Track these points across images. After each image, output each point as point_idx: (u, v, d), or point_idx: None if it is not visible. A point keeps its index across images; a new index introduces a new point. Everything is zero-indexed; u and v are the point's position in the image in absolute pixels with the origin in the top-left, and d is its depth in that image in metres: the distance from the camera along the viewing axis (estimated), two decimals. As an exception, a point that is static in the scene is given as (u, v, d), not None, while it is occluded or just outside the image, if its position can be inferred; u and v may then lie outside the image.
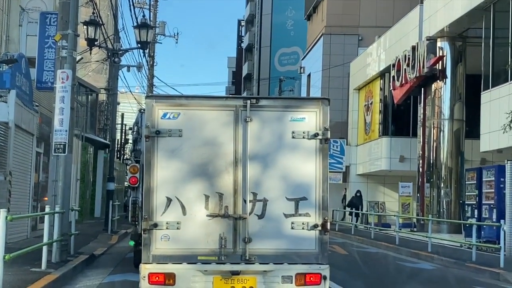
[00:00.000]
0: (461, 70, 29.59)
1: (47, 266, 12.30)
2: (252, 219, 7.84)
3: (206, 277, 7.69)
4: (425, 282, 13.78)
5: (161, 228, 7.73)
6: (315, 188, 7.91)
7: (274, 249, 7.83)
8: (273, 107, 8.09)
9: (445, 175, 29.39)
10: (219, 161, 7.88)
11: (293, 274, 7.74)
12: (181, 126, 7.86)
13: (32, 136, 19.48)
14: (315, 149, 7.96)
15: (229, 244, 7.80)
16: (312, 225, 7.85)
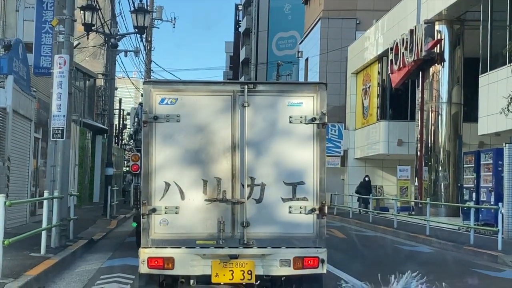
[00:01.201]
0: (459, 53, 29.56)
1: (46, 251, 12.35)
2: (250, 203, 7.85)
3: (205, 261, 7.70)
4: (423, 265, 13.79)
5: (159, 213, 7.74)
6: (313, 173, 7.89)
7: (272, 233, 7.85)
8: (270, 92, 8.11)
9: (443, 158, 29.44)
10: (217, 146, 7.88)
11: (291, 258, 7.72)
12: (179, 112, 7.84)
13: (30, 121, 19.48)
14: (312, 134, 7.94)
15: (227, 229, 7.79)
16: (309, 209, 7.84)
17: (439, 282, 2.02)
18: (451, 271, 12.94)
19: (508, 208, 18.16)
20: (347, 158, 41.71)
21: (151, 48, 46.88)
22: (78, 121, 33.03)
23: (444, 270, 12.72)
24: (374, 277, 2.17)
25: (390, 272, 1.98)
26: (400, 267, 2.00)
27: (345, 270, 11.76)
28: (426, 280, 1.91)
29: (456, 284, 10.47)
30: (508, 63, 21.85)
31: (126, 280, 10.40)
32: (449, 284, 1.90)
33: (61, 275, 11.21)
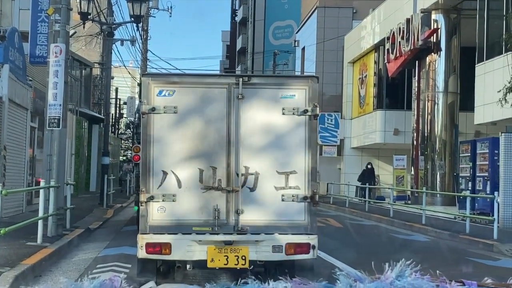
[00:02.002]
0: (456, 42, 29.56)
1: (42, 240, 12.37)
2: (244, 191, 8.11)
3: (201, 246, 7.95)
4: (419, 253, 13.81)
5: (157, 200, 8.01)
6: (305, 162, 8.15)
7: (265, 220, 8.12)
8: (264, 85, 8.41)
9: (439, 147, 29.49)
10: (213, 137, 8.14)
11: (283, 244, 7.97)
12: (176, 103, 8.09)
13: (26, 110, 19.45)
14: (304, 125, 8.16)
15: (222, 216, 8.07)
16: (301, 197, 8.10)
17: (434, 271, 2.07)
18: (446, 259, 13.00)
19: (504, 197, 18.23)
20: (343, 148, 41.74)
21: (147, 37, 46.71)
22: (75, 111, 32.98)
23: (439, 259, 12.78)
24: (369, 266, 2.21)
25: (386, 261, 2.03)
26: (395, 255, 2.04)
27: (341, 258, 11.80)
28: (420, 268, 1.99)
29: (451, 272, 10.51)
30: (505, 52, 21.87)
31: (122, 269, 10.42)
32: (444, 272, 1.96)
33: (57, 264, 11.24)
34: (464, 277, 2.02)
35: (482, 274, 2.11)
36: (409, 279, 1.95)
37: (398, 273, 1.98)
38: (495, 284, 2.10)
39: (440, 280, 2.03)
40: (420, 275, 1.97)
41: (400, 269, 2.00)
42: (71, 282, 1.80)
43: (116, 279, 1.85)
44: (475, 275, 11.23)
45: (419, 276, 1.96)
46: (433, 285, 1.97)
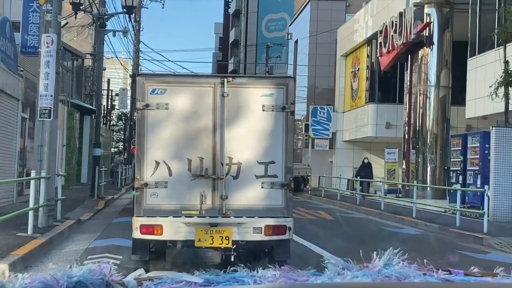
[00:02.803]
0: (448, 36, 29.60)
1: (33, 231, 12.34)
2: (228, 179, 8.99)
3: (189, 228, 8.82)
4: (409, 246, 13.90)
5: (150, 187, 8.89)
6: (282, 154, 9.03)
7: (246, 204, 9.02)
8: (247, 84, 9.33)
9: (430, 141, 29.57)
10: (200, 130, 9.01)
11: (262, 226, 8.85)
12: (168, 100, 8.94)
13: (17, 101, 19.39)
14: (282, 120, 9.06)
15: (208, 201, 8.96)
16: (279, 184, 8.98)
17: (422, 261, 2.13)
18: (436, 252, 13.02)
19: (494, 190, 18.31)
20: (335, 141, 41.81)
21: (139, 28, 46.72)
22: (66, 101, 32.86)
23: (429, 252, 12.80)
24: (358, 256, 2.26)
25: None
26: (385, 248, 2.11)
27: (331, 250, 11.83)
28: (408, 257, 1.99)
29: (439, 263, 10.54)
30: (497, 46, 21.92)
31: (113, 260, 10.42)
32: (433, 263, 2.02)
33: (48, 255, 11.23)
34: (452, 268, 2.03)
35: (471, 267, 2.14)
36: (396, 267, 1.96)
37: (385, 262, 1.99)
38: (481, 273, 2.08)
39: (427, 269, 2.01)
40: (408, 264, 1.97)
41: (387, 258, 1.99)
42: (59, 269, 1.76)
43: (106, 266, 1.83)
44: (464, 267, 11.27)
45: (407, 265, 1.96)
46: (420, 273, 1.96)
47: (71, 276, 1.75)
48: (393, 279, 1.91)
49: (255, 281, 1.87)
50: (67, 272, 1.76)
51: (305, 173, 38.09)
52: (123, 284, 1.80)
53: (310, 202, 29.29)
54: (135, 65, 47.23)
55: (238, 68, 75.05)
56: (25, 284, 1.69)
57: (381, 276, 1.92)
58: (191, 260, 8.72)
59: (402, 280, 1.90)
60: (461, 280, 1.98)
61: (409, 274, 1.94)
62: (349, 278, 1.89)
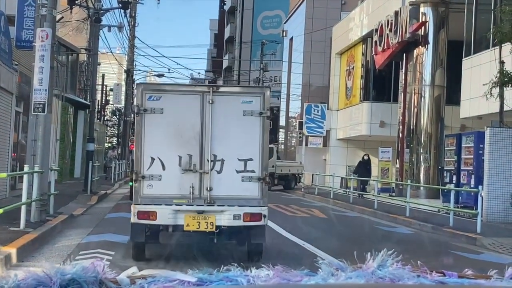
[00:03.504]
0: (443, 36, 29.62)
1: (25, 226, 12.27)
2: (213, 173, 10.41)
3: (179, 214, 10.28)
4: (402, 246, 13.90)
5: (147, 179, 10.28)
6: (259, 152, 10.42)
7: (228, 195, 10.40)
8: (229, 93, 10.93)
9: (424, 141, 29.60)
10: (190, 131, 10.39)
11: (241, 213, 10.26)
12: (162, 106, 10.35)
13: (11, 95, 19.30)
14: (259, 124, 10.43)
15: (196, 192, 10.38)
16: (256, 178, 10.33)
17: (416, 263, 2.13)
18: (429, 252, 13.02)
19: (488, 191, 18.32)
20: (329, 139, 41.81)
21: (135, 23, 46.59)
22: (60, 96, 32.74)
23: (422, 251, 12.79)
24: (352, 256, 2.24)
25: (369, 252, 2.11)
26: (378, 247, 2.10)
27: (324, 249, 11.81)
28: (402, 258, 1.99)
29: (433, 264, 10.53)
30: (492, 47, 21.92)
31: (105, 256, 10.38)
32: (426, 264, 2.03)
33: (40, 250, 11.17)
34: (446, 269, 2.02)
35: (464, 267, 2.14)
36: (390, 269, 1.96)
37: (379, 263, 1.99)
38: (475, 275, 2.07)
39: (421, 271, 2.01)
40: (402, 265, 1.97)
41: (381, 259, 1.99)
42: (53, 266, 1.77)
43: (99, 264, 1.83)
44: (457, 268, 11.25)
45: (400, 266, 1.96)
46: (414, 275, 1.96)
47: (65, 273, 1.75)
48: (386, 280, 1.91)
49: (249, 280, 1.88)
50: (60, 269, 1.76)
51: (297, 171, 38.08)
52: (117, 282, 1.81)
53: (304, 200, 29.29)
54: (130, 61, 47.12)
55: (232, 64, 74.96)
56: (18, 281, 1.70)
57: (375, 277, 1.92)
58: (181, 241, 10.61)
59: (396, 281, 1.91)
60: (454, 283, 1.98)
61: (403, 275, 1.94)
62: (343, 279, 1.89)
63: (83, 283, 1.75)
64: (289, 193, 33.76)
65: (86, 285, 1.75)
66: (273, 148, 38.19)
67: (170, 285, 1.80)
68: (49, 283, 1.71)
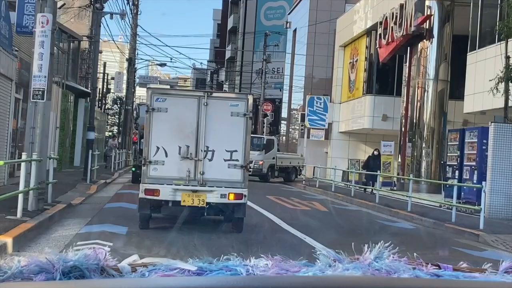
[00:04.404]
0: (448, 30, 29.38)
1: (22, 214, 12.06)
2: (205, 161, 12.83)
3: (177, 192, 12.72)
4: (404, 242, 13.70)
5: (153, 164, 12.73)
6: (242, 145, 12.85)
7: (217, 178, 12.81)
8: (220, 98, 13.60)
9: (427, 135, 29.38)
10: (188, 127, 12.79)
11: (227, 193, 12.72)
12: (167, 106, 12.74)
13: (10, 81, 19.09)
14: (243, 123, 12.85)
15: (191, 175, 12.78)
16: (239, 166, 12.83)
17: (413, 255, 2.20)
18: (431, 248, 12.83)
19: (491, 187, 18.15)
20: (331, 131, 41.59)
21: (137, 11, 46.28)
22: (61, 83, 32.53)
23: (423, 248, 12.60)
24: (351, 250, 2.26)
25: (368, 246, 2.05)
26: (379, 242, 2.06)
27: (325, 243, 11.61)
28: (398, 250, 2.06)
29: (435, 260, 10.33)
30: (498, 41, 21.68)
31: (104, 247, 10.17)
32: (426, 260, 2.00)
33: (37, 240, 10.97)
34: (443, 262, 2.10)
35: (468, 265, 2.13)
36: (386, 261, 2.02)
37: (376, 255, 2.05)
38: (470, 269, 2.15)
39: (417, 263, 2.09)
40: (398, 257, 2.03)
41: (378, 251, 2.06)
42: (55, 253, 1.83)
43: (101, 251, 1.90)
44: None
45: (397, 259, 2.02)
46: (410, 267, 2.03)
47: (67, 260, 1.79)
48: (383, 272, 1.96)
49: (248, 270, 1.91)
50: (63, 256, 1.80)
51: (298, 164, 37.88)
52: (118, 270, 1.86)
53: (304, 192, 29.11)
54: (132, 49, 46.84)
55: (235, 55, 74.66)
56: (21, 267, 1.75)
57: (371, 269, 1.97)
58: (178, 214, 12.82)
59: (392, 274, 1.96)
60: (449, 276, 2.03)
61: (399, 268, 1.99)
62: (340, 271, 1.94)
63: (85, 270, 1.79)
64: (289, 186, 33.58)
65: (88, 272, 1.80)
66: (273, 140, 38.02)
67: (170, 273, 1.85)
68: (52, 270, 1.76)
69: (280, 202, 21.29)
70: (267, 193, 24.92)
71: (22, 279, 1.72)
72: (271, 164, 35.34)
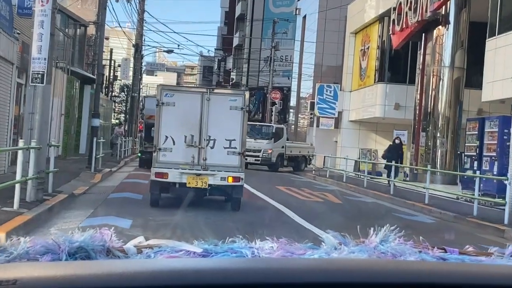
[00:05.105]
0: (465, 16, 28.45)
1: (20, 206, 11.26)
2: (208, 148, 14.39)
3: (183, 175, 14.28)
4: (426, 237, 12.87)
5: (162, 150, 14.30)
6: (240, 135, 14.46)
7: (217, 163, 14.36)
8: (221, 94, 15.33)
9: (442, 124, 28.49)
10: (192, 119, 14.34)
11: (226, 176, 14.33)
12: (174, 100, 14.36)
13: (11, 65, 18.28)
14: (241, 116, 14.43)
15: (195, 160, 14.34)
16: (237, 153, 14.42)
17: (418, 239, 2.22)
18: (457, 245, 11.99)
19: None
20: (341, 120, 40.71)
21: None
22: (66, 69, 31.79)
23: (449, 244, 11.76)
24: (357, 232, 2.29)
25: None
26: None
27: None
28: (404, 234, 2.10)
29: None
30: (520, 27, 20.78)
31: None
32: None
33: (33, 234, 10.14)
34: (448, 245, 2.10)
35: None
36: (392, 244, 2.03)
37: (382, 238, 2.06)
38: (476, 252, 2.16)
39: (422, 247, 2.10)
40: (404, 241, 2.05)
41: (384, 234, 2.07)
42: (61, 234, 1.81)
43: (106, 232, 1.89)
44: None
45: (403, 242, 2.04)
46: (415, 251, 2.04)
47: (73, 241, 1.79)
48: (389, 255, 1.97)
49: (253, 252, 1.92)
50: (69, 237, 1.80)
51: (307, 153, 37.04)
52: (123, 251, 1.86)
53: (315, 183, 28.27)
54: (138, 35, 46.00)
55: (243, 42, 73.73)
56: (27, 248, 1.75)
57: (377, 252, 1.98)
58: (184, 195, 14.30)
59: (397, 257, 1.96)
60: (455, 259, 2.03)
61: (404, 251, 2.00)
62: (345, 253, 1.95)
63: (91, 251, 1.79)
64: (299, 175, 32.77)
65: (94, 253, 1.80)
66: (283, 128, 37.20)
67: (176, 255, 1.86)
68: (58, 251, 1.76)
69: (291, 193, 20.48)
70: (277, 183, 24.13)
71: (28, 259, 1.72)
72: (280, 153, 34.53)
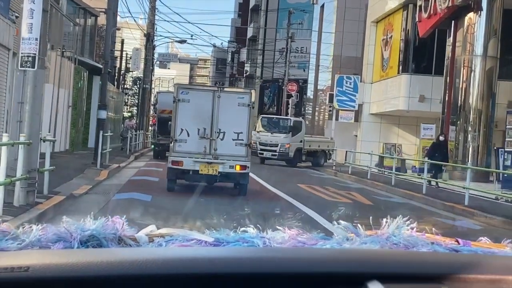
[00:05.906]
0: (499, 2, 26.48)
1: (3, 212, 9.47)
2: (218, 140, 15.96)
3: (197, 163, 15.88)
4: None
5: (177, 141, 15.95)
6: (246, 128, 16.14)
7: (227, 154, 15.91)
8: (230, 92, 17.16)
9: (473, 118, 26.55)
10: (205, 114, 15.94)
11: (234, 165, 15.89)
12: (189, 98, 16.03)
13: (7, 50, 16.58)
14: (247, 111, 16.05)
15: (207, 150, 15.90)
16: (244, 144, 16.02)
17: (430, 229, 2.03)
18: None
19: None
20: (361, 113, 38.90)
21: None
22: (73, 58, 30.21)
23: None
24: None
25: None
26: None
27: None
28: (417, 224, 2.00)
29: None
30: None
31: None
32: None
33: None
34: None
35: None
36: (405, 235, 2.00)
37: (394, 229, 2.02)
38: (489, 245, 2.11)
39: (435, 238, 2.06)
40: (416, 232, 1.98)
41: (396, 226, 2.03)
42: (73, 222, 1.83)
43: (118, 221, 1.90)
44: None
45: (415, 233, 2.00)
46: (428, 242, 2.00)
47: (85, 229, 1.82)
48: (401, 246, 1.96)
49: (264, 242, 1.92)
50: (81, 225, 1.84)
51: (327, 147, 35.23)
52: (135, 240, 1.89)
53: (338, 180, 26.40)
54: (150, 24, 44.26)
55: (257, 34, 71.95)
56: (39, 236, 1.79)
57: (389, 243, 1.96)
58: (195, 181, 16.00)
59: (410, 248, 1.95)
60: (468, 251, 2.00)
61: (417, 242, 1.98)
62: (357, 244, 1.97)
63: (103, 240, 1.81)
64: (319, 171, 30.97)
65: (106, 242, 1.82)
66: (301, 122, 35.47)
67: (187, 244, 1.88)
68: (69, 239, 1.79)
69: (315, 192, 18.68)
70: (298, 180, 22.39)
71: (40, 247, 1.74)
72: (299, 147, 32.75)
